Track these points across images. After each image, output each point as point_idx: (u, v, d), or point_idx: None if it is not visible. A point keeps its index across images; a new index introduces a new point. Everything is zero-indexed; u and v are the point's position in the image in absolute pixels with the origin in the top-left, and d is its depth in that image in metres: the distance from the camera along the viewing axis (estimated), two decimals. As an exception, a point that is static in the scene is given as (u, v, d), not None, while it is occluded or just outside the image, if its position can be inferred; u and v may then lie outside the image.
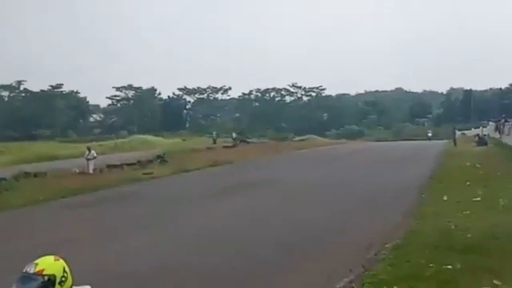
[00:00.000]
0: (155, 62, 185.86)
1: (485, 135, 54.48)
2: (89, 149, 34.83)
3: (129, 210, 19.63)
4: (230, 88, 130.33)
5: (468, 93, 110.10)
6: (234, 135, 71.32)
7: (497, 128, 52.91)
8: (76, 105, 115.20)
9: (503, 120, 50.90)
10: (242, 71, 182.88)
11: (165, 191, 25.18)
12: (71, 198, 23.03)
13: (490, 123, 62.90)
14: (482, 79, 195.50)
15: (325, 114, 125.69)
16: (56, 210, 20.05)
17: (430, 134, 75.14)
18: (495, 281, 8.38)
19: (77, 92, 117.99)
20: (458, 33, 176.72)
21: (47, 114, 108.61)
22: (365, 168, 31.79)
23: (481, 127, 65.47)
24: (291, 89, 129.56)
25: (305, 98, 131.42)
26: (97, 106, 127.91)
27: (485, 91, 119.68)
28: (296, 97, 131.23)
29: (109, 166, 35.08)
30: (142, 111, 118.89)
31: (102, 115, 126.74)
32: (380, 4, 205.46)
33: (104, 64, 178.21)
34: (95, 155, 34.59)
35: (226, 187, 23.67)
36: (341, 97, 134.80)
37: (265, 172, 30.81)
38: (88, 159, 33.82)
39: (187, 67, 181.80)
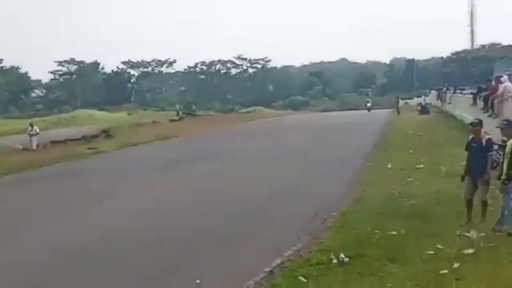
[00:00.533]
0: (98, 35, 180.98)
1: (427, 103, 55.55)
2: (31, 125, 34.41)
3: (73, 186, 19.28)
4: (175, 61, 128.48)
5: (411, 62, 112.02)
6: (178, 107, 70.16)
7: (439, 97, 54.21)
8: (17, 80, 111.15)
9: (444, 89, 52.17)
10: (186, 44, 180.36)
11: (109, 165, 24.93)
12: (15, 175, 22.62)
13: (432, 91, 64.26)
14: (424, 48, 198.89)
15: (271, 86, 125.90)
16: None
17: (369, 104, 67.90)
18: (438, 245, 8.60)
19: (17, 68, 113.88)
20: (400, 4, 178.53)
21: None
22: (311, 139, 31.94)
23: (423, 96, 66.72)
24: (237, 61, 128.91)
25: (250, 70, 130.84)
26: (39, 81, 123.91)
27: (427, 60, 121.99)
28: (241, 69, 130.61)
29: (53, 142, 34.59)
30: (85, 85, 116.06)
31: (44, 91, 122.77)
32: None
33: (45, 38, 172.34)
34: (38, 130, 34.00)
35: (171, 161, 23.38)
36: (287, 68, 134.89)
37: (210, 145, 30.63)
38: (31, 135, 33.32)
39: (131, 40, 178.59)
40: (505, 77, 23.61)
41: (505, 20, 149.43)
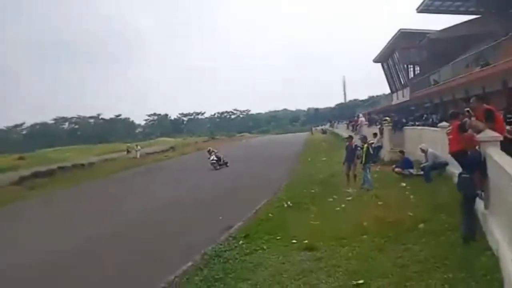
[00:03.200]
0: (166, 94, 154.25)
1: (325, 128, 55.90)
2: (136, 145, 33.39)
3: (157, 176, 18.60)
4: (204, 112, 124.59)
5: (317, 109, 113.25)
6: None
7: (331, 125, 54.62)
8: (126, 125, 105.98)
9: (334, 121, 52.71)
10: (208, 100, 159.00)
11: (175, 164, 24.05)
12: (132, 169, 22.36)
13: (328, 123, 64.84)
14: (323, 101, 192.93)
15: (251, 123, 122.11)
16: None
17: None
18: (334, 196, 8.76)
19: (122, 117, 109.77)
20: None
21: None
22: (268, 147, 30.81)
23: (323, 125, 67.14)
24: (233, 111, 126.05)
25: (241, 116, 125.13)
26: (139, 124, 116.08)
27: (324, 108, 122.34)
28: (236, 115, 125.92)
29: (147, 154, 32.87)
30: (161, 126, 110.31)
31: (141, 129, 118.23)
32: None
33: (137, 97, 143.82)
34: (140, 148, 32.53)
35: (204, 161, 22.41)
36: (259, 114, 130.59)
37: (227, 152, 30.07)
38: (136, 151, 31.71)
39: (183, 98, 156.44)
40: (361, 115, 24.23)
41: (360, 86, 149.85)
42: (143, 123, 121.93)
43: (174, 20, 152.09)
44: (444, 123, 9.38)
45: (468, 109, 6.38)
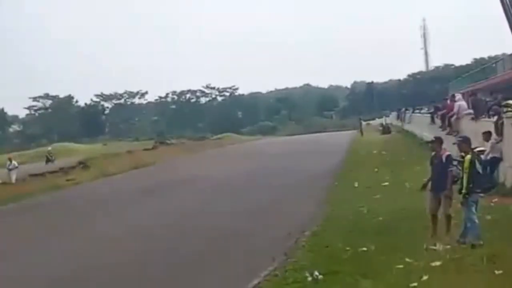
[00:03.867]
0: (70, 70, 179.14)
1: (388, 124, 56.24)
2: (10, 159, 33.99)
3: (52, 217, 19.06)
4: (146, 92, 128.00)
5: (370, 85, 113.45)
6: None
7: (398, 117, 54.97)
8: None
9: (403, 109, 52.97)
10: (157, 75, 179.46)
11: (87, 196, 24.50)
12: None
13: (392, 112, 65.08)
14: (382, 71, 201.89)
15: (239, 112, 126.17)
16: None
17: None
18: (407, 259, 8.61)
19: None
20: (358, 30, 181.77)
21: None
22: (281, 161, 31.87)
23: (384, 117, 67.51)
24: (206, 90, 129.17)
25: (219, 98, 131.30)
26: (16, 117, 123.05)
27: (386, 82, 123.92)
28: (210, 98, 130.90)
29: (31, 175, 33.70)
30: (60, 119, 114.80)
31: (21, 126, 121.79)
32: (284, 4, 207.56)
33: (18, 74, 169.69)
34: (16, 165, 33.72)
35: (145, 189, 23.03)
36: (254, 95, 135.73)
37: (184, 172, 30.35)
38: (9, 169, 32.86)
39: (102, 73, 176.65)
40: (459, 96, 24.13)
41: (457, 42, 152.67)
42: (23, 115, 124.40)
43: None
44: None
45: None
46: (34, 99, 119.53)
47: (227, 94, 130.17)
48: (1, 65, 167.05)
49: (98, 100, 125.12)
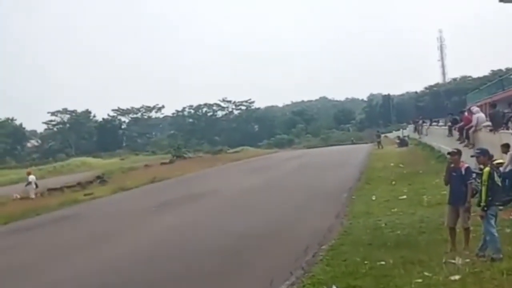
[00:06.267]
0: (88, 85, 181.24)
1: (405, 136, 55.89)
2: (28, 174, 33.88)
3: (70, 232, 18.97)
4: (163, 106, 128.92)
5: (387, 97, 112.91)
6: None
7: (415, 129, 54.59)
8: (12, 132, 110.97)
9: (420, 121, 52.57)
10: (174, 90, 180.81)
11: (105, 210, 24.59)
12: (14, 223, 22.63)
13: (409, 125, 64.65)
14: (399, 84, 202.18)
15: (256, 126, 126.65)
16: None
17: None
18: (426, 273, 8.57)
19: (12, 119, 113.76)
20: (374, 42, 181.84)
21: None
22: (298, 174, 31.91)
23: (401, 129, 67.05)
24: (222, 104, 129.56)
25: (236, 112, 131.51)
26: (34, 131, 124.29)
27: (402, 94, 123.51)
28: (227, 111, 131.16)
29: (49, 190, 34.08)
30: (78, 133, 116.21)
31: (39, 140, 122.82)
32: (300, 17, 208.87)
33: (38, 89, 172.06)
34: (29, 179, 33.02)
35: (163, 204, 23.11)
36: (270, 108, 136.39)
37: (201, 185, 30.44)
38: (27, 184, 32.61)
39: (120, 88, 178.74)
40: (476, 108, 23.94)
41: (474, 54, 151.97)
42: (41, 130, 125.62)
43: None
44: None
45: None
46: (52, 113, 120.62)
47: (244, 107, 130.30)
48: (19, 80, 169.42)
49: (115, 114, 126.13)
